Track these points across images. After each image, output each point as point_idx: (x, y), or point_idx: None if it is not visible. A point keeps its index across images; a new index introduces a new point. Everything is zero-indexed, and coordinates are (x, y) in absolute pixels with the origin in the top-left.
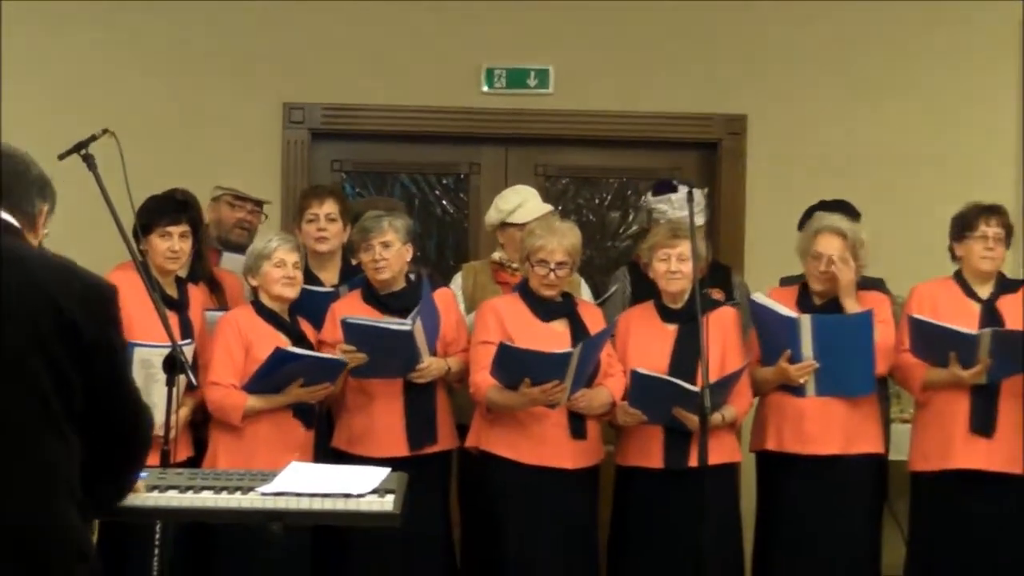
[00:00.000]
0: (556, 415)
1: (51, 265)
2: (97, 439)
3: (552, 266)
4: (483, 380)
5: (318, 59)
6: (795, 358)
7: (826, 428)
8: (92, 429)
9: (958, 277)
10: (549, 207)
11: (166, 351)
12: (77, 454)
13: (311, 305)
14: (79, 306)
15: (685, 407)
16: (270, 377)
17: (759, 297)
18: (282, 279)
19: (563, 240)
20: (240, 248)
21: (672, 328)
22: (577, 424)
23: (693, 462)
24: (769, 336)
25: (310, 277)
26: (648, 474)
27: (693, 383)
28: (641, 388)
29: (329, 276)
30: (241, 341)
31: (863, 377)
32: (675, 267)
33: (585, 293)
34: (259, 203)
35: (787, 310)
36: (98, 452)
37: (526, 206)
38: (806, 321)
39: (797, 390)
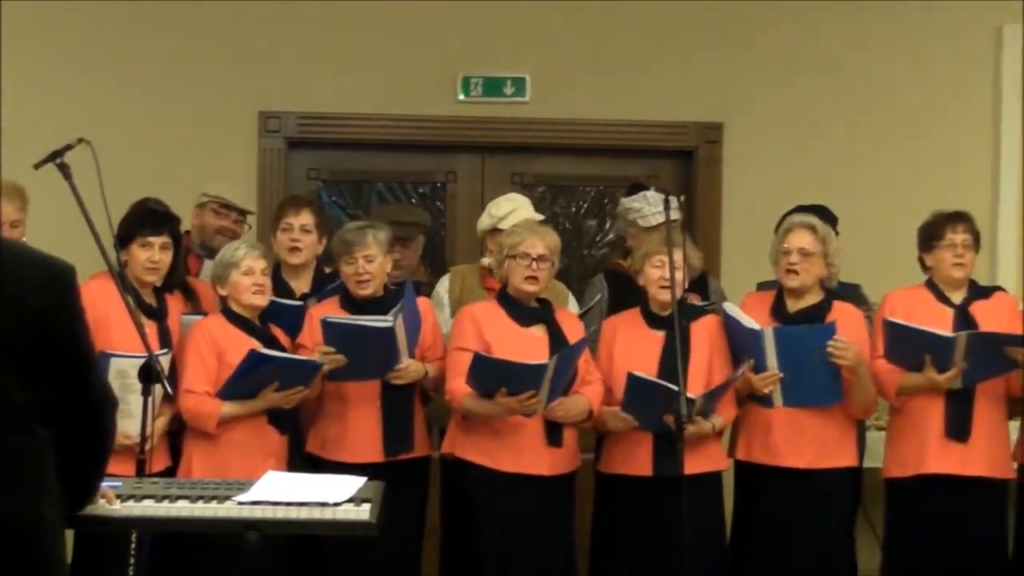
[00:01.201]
0: (532, 423)
1: (10, 255)
2: (63, 429)
3: (534, 256)
4: (459, 387)
5: (294, 67)
6: (760, 369)
7: (795, 441)
8: (59, 419)
9: (930, 284)
10: (540, 217)
11: (142, 361)
12: (48, 449)
13: (280, 317)
14: (41, 296)
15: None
16: (244, 381)
17: (728, 307)
18: (252, 287)
19: (544, 237)
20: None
21: (660, 334)
22: (553, 431)
23: (684, 469)
24: (737, 346)
25: (282, 285)
26: (636, 482)
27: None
28: (636, 391)
29: (301, 285)
30: (213, 348)
31: (829, 387)
32: (668, 275)
33: (572, 305)
34: (243, 212)
35: (751, 322)
36: (65, 443)
37: (517, 213)
38: (769, 333)
39: (765, 400)
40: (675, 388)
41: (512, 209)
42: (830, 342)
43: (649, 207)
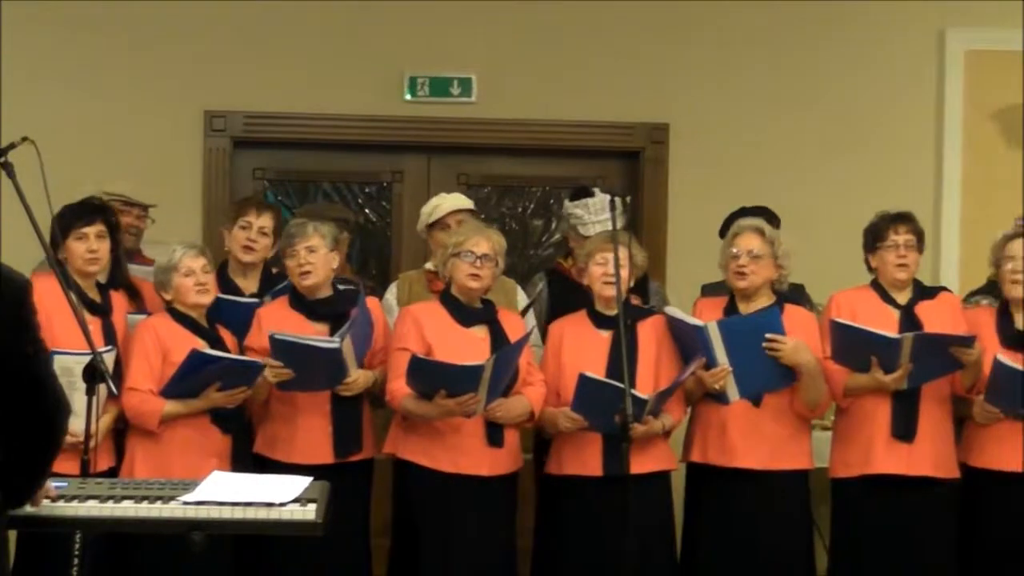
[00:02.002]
0: (472, 423)
1: None
2: (13, 433)
3: (478, 255)
4: (399, 388)
5: (240, 67)
6: (711, 365)
7: (751, 441)
8: (8, 423)
9: (875, 285)
10: (467, 201)
11: (87, 359)
12: None
13: (232, 314)
14: None
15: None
16: (187, 380)
17: (670, 310)
18: (194, 287)
19: (490, 236)
20: (127, 253)
21: (606, 335)
22: (494, 432)
23: (633, 469)
24: (684, 346)
25: (228, 284)
26: (585, 482)
27: (635, 389)
28: (587, 392)
29: (249, 284)
30: (159, 347)
31: (782, 371)
32: (612, 271)
33: (521, 298)
34: (145, 207)
35: (694, 319)
36: (13, 445)
37: (443, 204)
38: (713, 328)
39: (721, 397)
40: (633, 391)
41: (437, 203)
42: (767, 335)
43: (589, 215)
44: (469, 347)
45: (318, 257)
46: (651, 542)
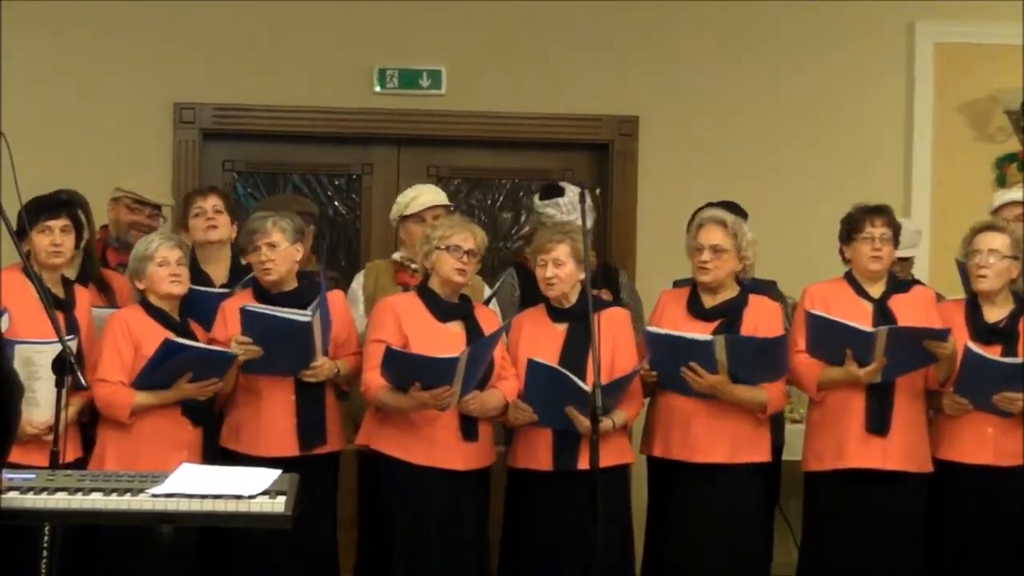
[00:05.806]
0: (447, 416)
1: None
2: None
3: (465, 250)
4: (373, 379)
5: (209, 59)
6: (711, 369)
7: (713, 436)
8: None
9: (849, 278)
10: (444, 197)
11: (48, 348)
12: None
13: (201, 305)
14: None
15: (577, 406)
16: (159, 370)
17: (655, 329)
18: (168, 277)
19: (475, 232)
20: (124, 247)
21: (561, 328)
22: (468, 425)
23: (582, 464)
24: (680, 358)
25: (199, 273)
26: (537, 476)
27: (584, 381)
28: (536, 378)
29: (219, 271)
30: (130, 339)
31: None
32: (551, 272)
33: (487, 293)
34: (157, 207)
35: (699, 335)
36: None
37: (421, 197)
38: (720, 341)
39: (684, 389)
40: (573, 377)
41: (415, 196)
42: (690, 365)
43: (561, 215)
44: (445, 342)
45: (278, 253)
46: (606, 537)
